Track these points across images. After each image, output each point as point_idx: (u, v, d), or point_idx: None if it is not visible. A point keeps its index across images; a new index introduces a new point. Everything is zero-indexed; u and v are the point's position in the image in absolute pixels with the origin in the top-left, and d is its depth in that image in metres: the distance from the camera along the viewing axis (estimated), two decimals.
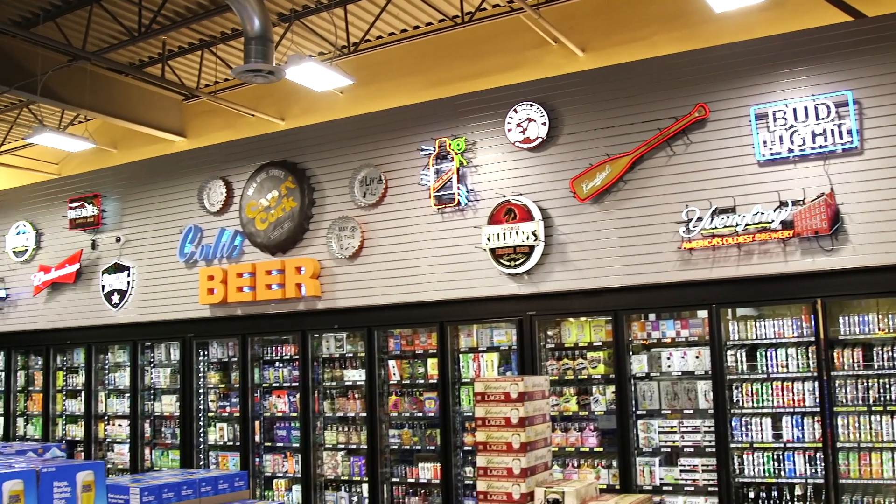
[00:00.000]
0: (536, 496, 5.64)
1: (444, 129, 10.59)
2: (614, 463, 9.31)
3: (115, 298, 13.40)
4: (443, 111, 10.68)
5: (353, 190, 11.16)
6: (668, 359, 9.17)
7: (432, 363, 10.52)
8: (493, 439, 5.76)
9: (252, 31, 7.75)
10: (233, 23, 10.97)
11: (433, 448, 10.45)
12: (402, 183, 10.85)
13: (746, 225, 8.64)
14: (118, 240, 13.52)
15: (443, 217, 10.49)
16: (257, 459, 11.83)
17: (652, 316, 9.44)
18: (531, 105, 9.96)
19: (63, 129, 13.65)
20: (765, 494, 8.56)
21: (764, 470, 8.56)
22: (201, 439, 12.48)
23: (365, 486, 10.83)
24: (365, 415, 10.89)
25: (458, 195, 10.27)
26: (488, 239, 9.95)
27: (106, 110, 12.47)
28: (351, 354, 11.26)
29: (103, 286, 13.58)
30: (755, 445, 8.63)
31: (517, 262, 9.82)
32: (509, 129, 10.08)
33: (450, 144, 10.39)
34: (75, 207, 14.00)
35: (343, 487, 11.10)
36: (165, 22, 10.66)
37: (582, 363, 9.66)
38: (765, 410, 8.65)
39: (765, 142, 8.73)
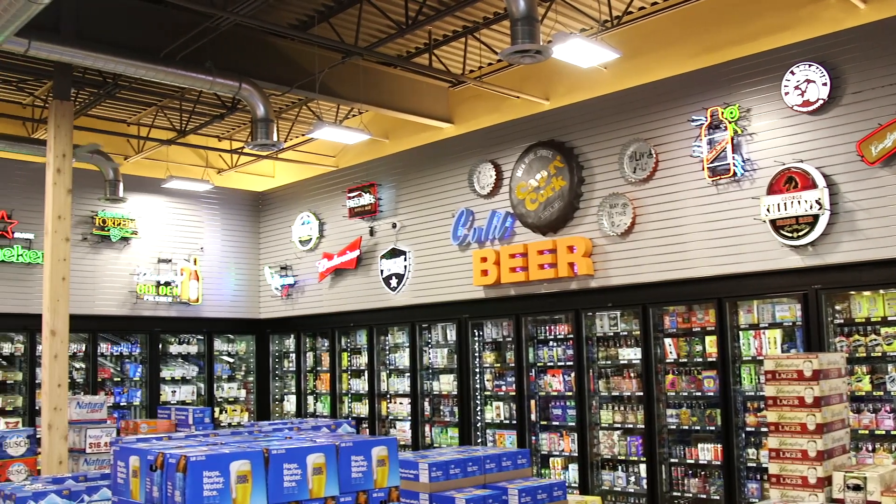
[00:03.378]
0: (835, 481, 5.31)
1: (714, 97, 10.18)
2: None
3: (394, 282, 13.96)
4: (713, 79, 10.26)
5: (622, 166, 10.98)
6: None
7: (710, 340, 10.18)
8: (785, 420, 5.47)
9: (518, 11, 7.75)
10: (495, 7, 11.05)
11: (713, 428, 10.12)
12: (672, 156, 10.55)
13: None
14: (394, 226, 14.07)
15: (717, 189, 10.10)
16: (533, 438, 11.95)
17: None
18: (809, 65, 9.36)
19: (340, 123, 14.33)
20: None
21: None
22: (478, 417, 12.77)
23: (643, 466, 10.67)
24: (641, 394, 10.72)
25: (734, 165, 9.85)
26: (768, 210, 9.47)
27: (378, 102, 12.99)
28: (625, 333, 11.12)
29: (382, 271, 14.19)
30: None
31: (800, 233, 9.29)
32: (786, 93, 9.53)
33: (722, 113, 9.97)
34: (353, 197, 14.71)
35: (620, 467, 10.99)
36: (430, 12, 10.90)
37: (875, 339, 9.02)
38: None
39: None
